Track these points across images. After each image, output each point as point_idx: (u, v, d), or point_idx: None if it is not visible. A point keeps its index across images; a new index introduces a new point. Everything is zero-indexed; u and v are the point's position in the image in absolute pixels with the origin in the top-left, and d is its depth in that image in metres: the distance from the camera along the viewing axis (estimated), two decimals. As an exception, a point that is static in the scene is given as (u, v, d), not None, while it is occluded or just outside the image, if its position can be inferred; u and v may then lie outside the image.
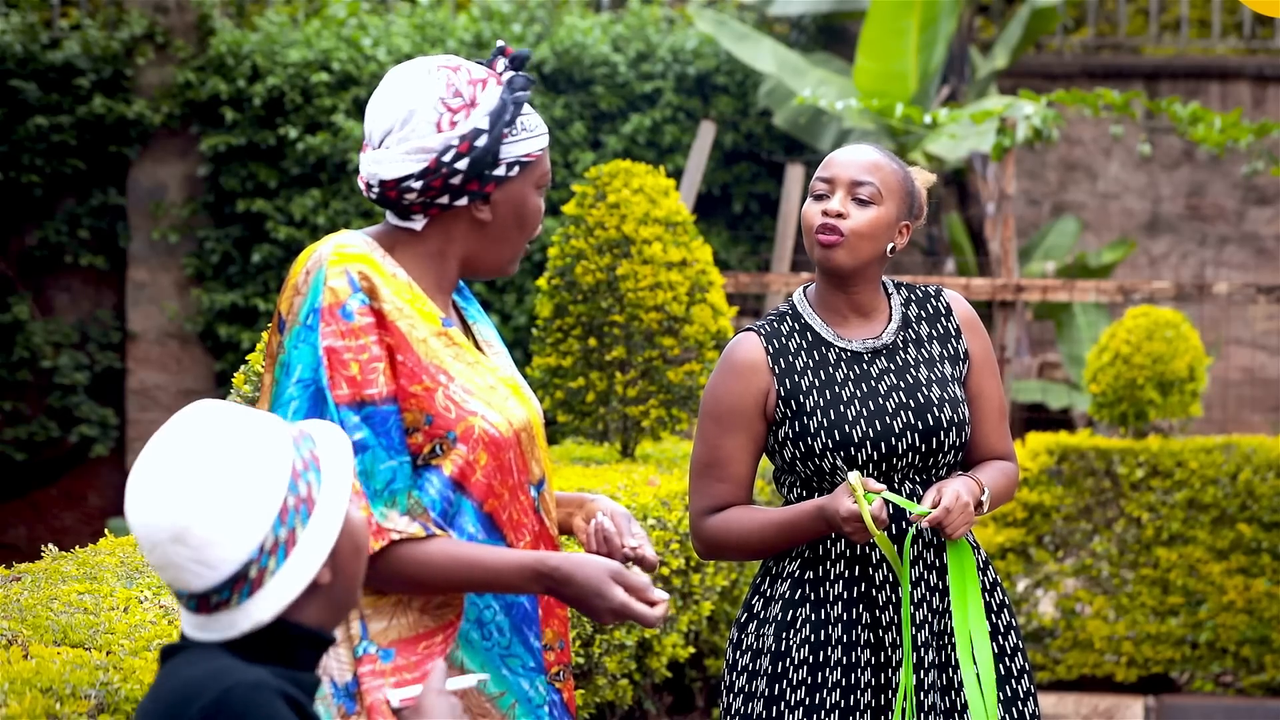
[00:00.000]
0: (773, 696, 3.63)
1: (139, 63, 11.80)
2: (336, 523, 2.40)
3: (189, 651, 2.38)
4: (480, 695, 2.88)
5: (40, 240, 11.81)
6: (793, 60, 11.49)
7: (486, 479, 2.86)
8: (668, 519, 5.53)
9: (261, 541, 2.34)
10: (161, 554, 2.34)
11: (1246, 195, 12.57)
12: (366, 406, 2.80)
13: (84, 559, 3.86)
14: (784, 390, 3.66)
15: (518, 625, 2.91)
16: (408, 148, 2.88)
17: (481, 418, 2.86)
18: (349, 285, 2.83)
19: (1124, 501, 7.84)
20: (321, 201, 11.59)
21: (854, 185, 3.67)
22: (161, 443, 2.37)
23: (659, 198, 6.46)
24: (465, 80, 2.91)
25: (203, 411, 2.40)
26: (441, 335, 2.90)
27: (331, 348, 2.81)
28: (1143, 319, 7.97)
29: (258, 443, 2.36)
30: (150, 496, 2.34)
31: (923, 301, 3.79)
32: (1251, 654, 7.78)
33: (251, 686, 2.30)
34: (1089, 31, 13.37)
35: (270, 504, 2.34)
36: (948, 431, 3.66)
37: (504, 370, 2.99)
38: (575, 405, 6.43)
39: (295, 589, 2.36)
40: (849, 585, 3.64)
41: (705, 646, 6.69)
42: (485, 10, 12.03)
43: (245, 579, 2.34)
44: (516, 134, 2.91)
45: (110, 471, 11.89)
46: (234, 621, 2.36)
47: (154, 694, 2.36)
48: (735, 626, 3.74)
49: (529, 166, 2.93)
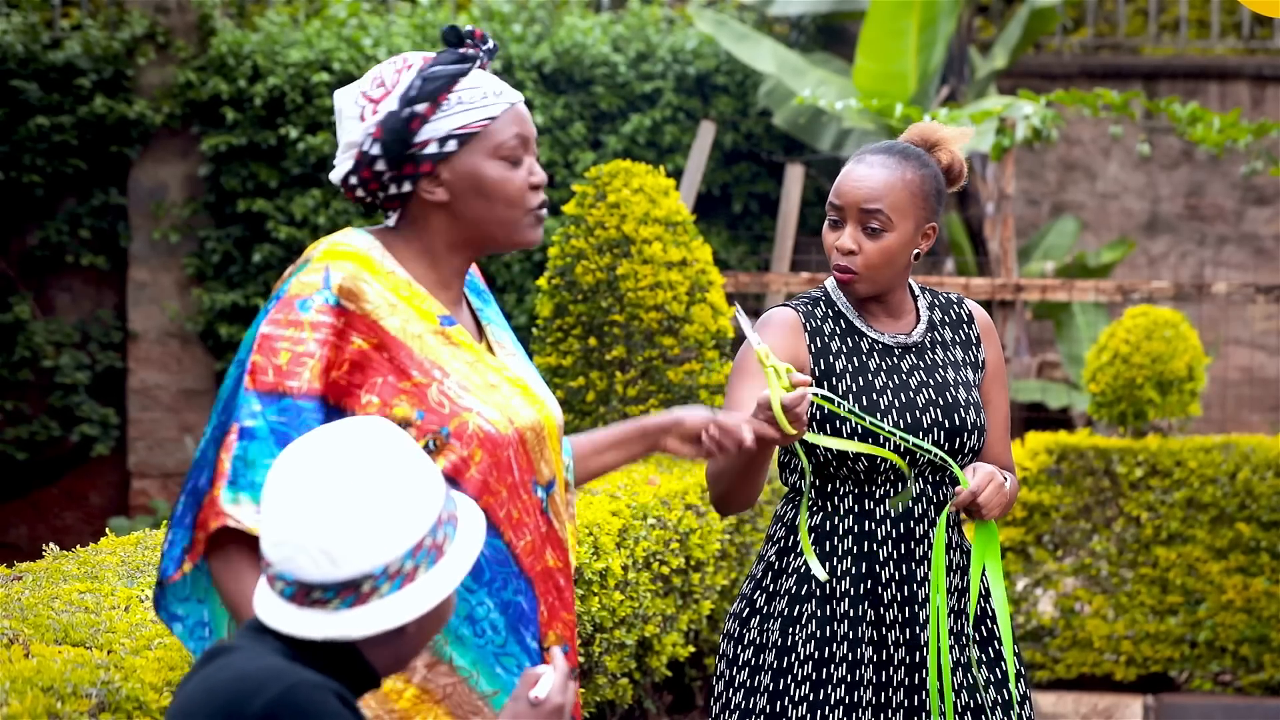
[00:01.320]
0: (777, 691, 3.64)
1: (140, 63, 11.81)
2: (453, 582, 2.40)
3: (243, 650, 2.36)
4: (472, 693, 2.86)
5: (41, 240, 11.82)
6: (792, 60, 11.49)
7: (482, 476, 2.84)
8: (668, 518, 5.53)
9: (389, 563, 2.34)
10: (293, 529, 2.33)
11: (1245, 195, 12.57)
12: (285, 398, 2.76)
13: (85, 558, 3.87)
14: (820, 368, 3.66)
15: (514, 625, 2.89)
16: (343, 146, 2.91)
17: (477, 414, 2.85)
18: (320, 281, 2.82)
19: (1123, 501, 7.84)
20: (322, 201, 11.60)
21: (863, 215, 3.64)
22: (340, 430, 2.38)
23: (659, 197, 6.46)
24: (392, 69, 2.91)
25: (378, 424, 2.41)
26: (439, 333, 2.89)
27: (267, 334, 2.80)
28: (1142, 319, 7.98)
29: (423, 474, 2.38)
30: (312, 478, 2.34)
31: (946, 307, 3.82)
32: (1250, 653, 7.79)
33: (314, 686, 2.29)
34: (1088, 32, 13.38)
35: (413, 533, 2.35)
36: (970, 433, 3.69)
37: (513, 370, 2.98)
38: (575, 405, 6.43)
39: (393, 621, 2.36)
40: (855, 583, 3.65)
41: (705, 645, 6.70)
42: (485, 10, 12.04)
43: (356, 590, 2.34)
44: (448, 108, 2.88)
45: (111, 471, 11.90)
46: (321, 624, 2.35)
47: (206, 685, 2.33)
48: (734, 620, 3.73)
49: (474, 137, 2.89)
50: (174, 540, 2.80)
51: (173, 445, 11.84)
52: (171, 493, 11.79)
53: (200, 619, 2.82)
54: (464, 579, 2.82)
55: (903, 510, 3.63)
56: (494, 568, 2.88)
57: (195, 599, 2.82)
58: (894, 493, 3.66)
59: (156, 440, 11.85)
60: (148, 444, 11.85)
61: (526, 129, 2.94)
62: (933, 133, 3.77)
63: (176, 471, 11.81)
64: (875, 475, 3.64)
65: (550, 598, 2.96)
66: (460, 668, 2.85)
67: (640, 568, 5.27)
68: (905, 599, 3.65)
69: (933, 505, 3.69)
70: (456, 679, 2.85)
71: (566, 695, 2.55)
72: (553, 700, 2.53)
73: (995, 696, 3.70)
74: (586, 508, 5.05)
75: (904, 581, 3.66)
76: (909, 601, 3.65)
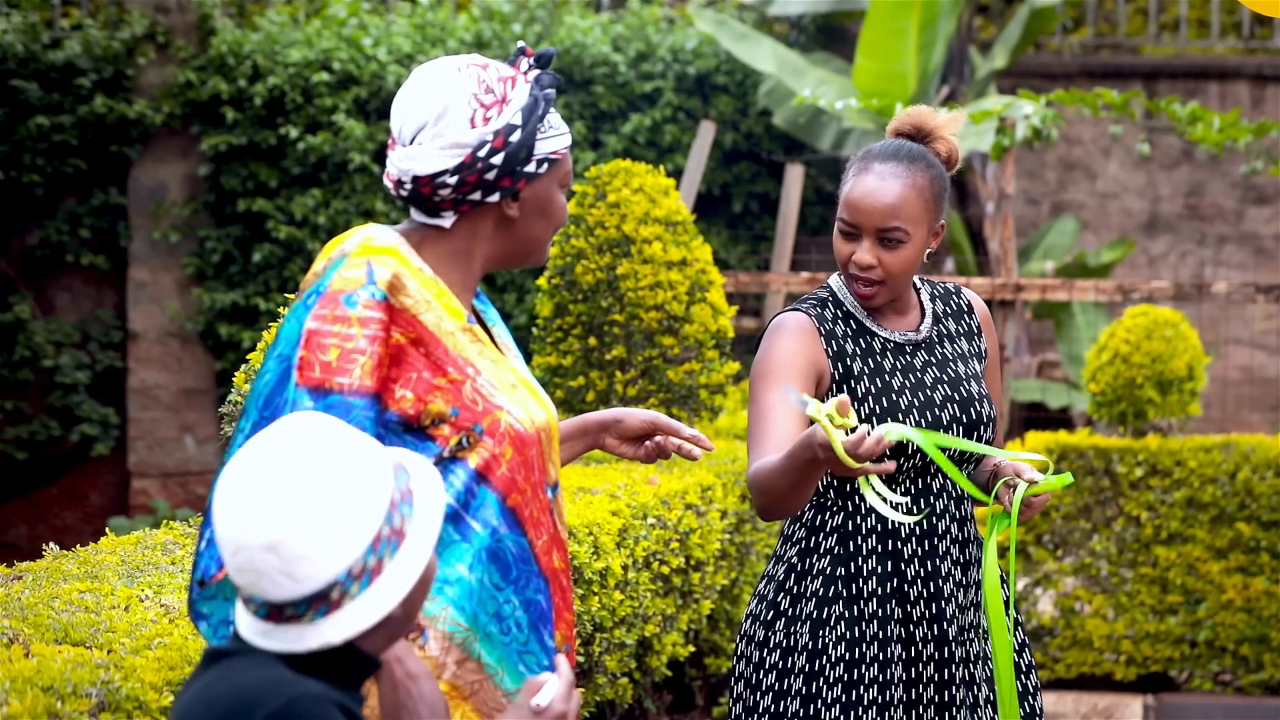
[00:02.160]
0: (809, 694, 3.64)
1: (140, 62, 11.81)
2: (423, 560, 2.38)
3: (241, 657, 2.35)
4: (496, 690, 2.87)
5: (41, 240, 11.82)
6: (792, 60, 11.49)
7: (511, 473, 2.87)
8: (668, 518, 5.53)
9: (350, 566, 2.32)
10: (247, 559, 2.31)
11: (1245, 195, 12.57)
12: (332, 395, 2.75)
13: (85, 558, 3.87)
14: (838, 373, 3.66)
15: (535, 623, 2.91)
16: (442, 143, 2.88)
17: (508, 412, 2.87)
18: (364, 276, 2.82)
19: (1123, 500, 7.85)
20: (322, 201, 11.60)
21: (880, 232, 3.64)
22: (265, 448, 2.34)
23: (659, 197, 6.47)
24: (496, 77, 2.92)
25: (310, 425, 2.37)
26: (467, 331, 2.91)
27: (314, 329, 2.79)
28: (1142, 318, 7.98)
29: (363, 467, 2.34)
30: (249, 501, 2.31)
31: (946, 298, 3.84)
32: (1250, 652, 7.79)
33: (314, 699, 2.27)
34: (1088, 31, 13.38)
35: (367, 530, 2.33)
36: (986, 426, 3.71)
37: (522, 372, 3.01)
38: (575, 404, 6.43)
39: (372, 618, 2.35)
40: (882, 581, 3.66)
41: (705, 645, 6.70)
42: (485, 10, 12.03)
43: (325, 599, 2.32)
44: (546, 131, 2.93)
45: (111, 470, 11.90)
46: (302, 637, 2.33)
47: (203, 696, 2.32)
48: (754, 622, 3.71)
49: (556, 164, 2.96)
50: (212, 539, 2.76)
51: (173, 445, 11.84)
52: (172, 492, 11.79)
53: (225, 617, 2.80)
54: (493, 577, 2.84)
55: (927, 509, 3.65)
56: (520, 566, 2.89)
57: (222, 597, 2.80)
58: (914, 490, 3.66)
59: (156, 440, 11.85)
60: (148, 444, 11.85)
61: (570, 165, 3.03)
62: (925, 120, 3.75)
63: (176, 471, 11.81)
64: (898, 474, 3.65)
65: (556, 597, 2.98)
66: (487, 665, 2.86)
67: (640, 567, 5.27)
68: (932, 595, 3.66)
69: (953, 500, 3.71)
70: (484, 676, 2.86)
71: (570, 704, 2.52)
72: (555, 708, 2.51)
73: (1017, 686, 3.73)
74: (586, 508, 5.06)
75: (930, 578, 3.67)
76: (935, 598, 3.66)
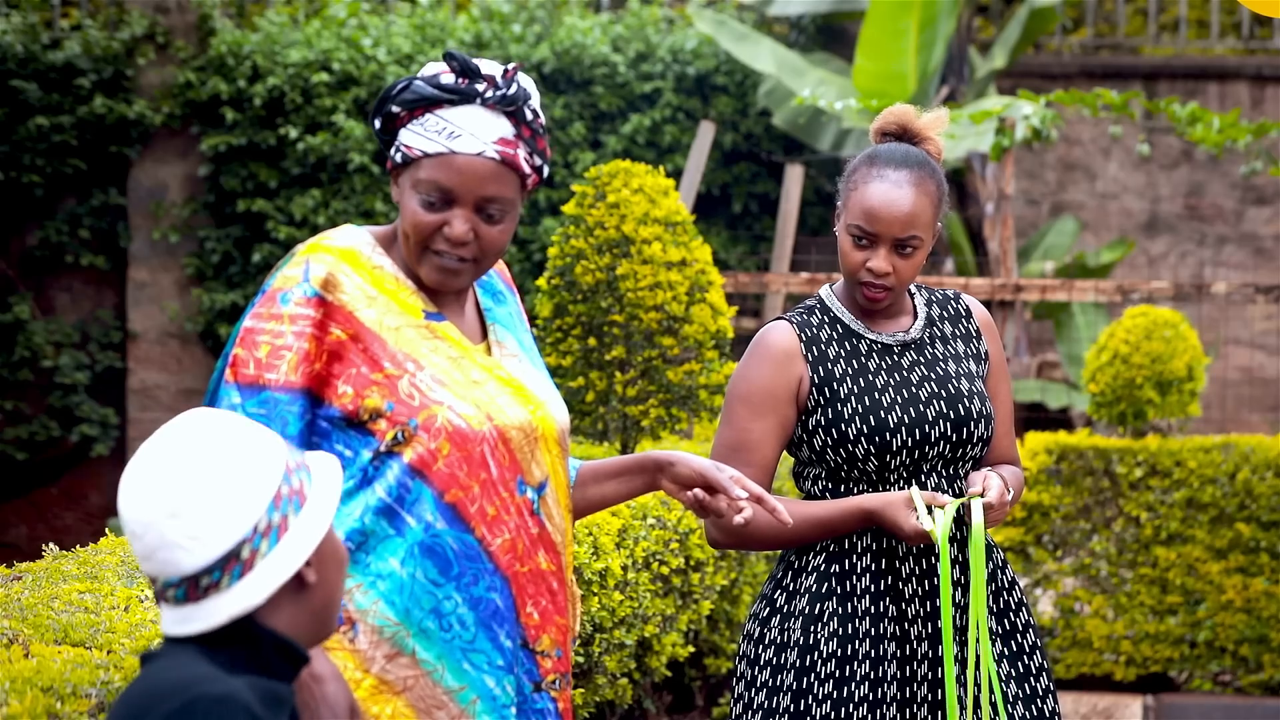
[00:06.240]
0: (800, 690, 3.64)
1: (139, 63, 11.81)
2: (327, 517, 2.43)
3: (169, 656, 2.37)
4: (436, 687, 2.87)
5: (41, 240, 11.83)
6: (792, 60, 11.50)
7: (449, 469, 2.87)
8: (667, 519, 5.54)
9: (255, 522, 2.36)
10: (156, 534, 2.35)
11: (1245, 195, 12.58)
12: (264, 391, 2.84)
13: (85, 558, 3.87)
14: (817, 378, 3.68)
15: (485, 621, 2.90)
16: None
17: (447, 408, 2.88)
18: (300, 274, 2.88)
19: (1123, 501, 7.85)
20: (322, 201, 11.61)
21: (898, 241, 3.66)
22: (157, 438, 2.41)
23: (659, 198, 6.46)
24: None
25: (198, 414, 2.45)
26: (421, 327, 2.92)
27: (250, 327, 2.87)
28: (1141, 319, 7.98)
29: (253, 437, 2.42)
30: (145, 480, 2.37)
31: (944, 303, 3.85)
32: (1250, 653, 7.79)
33: (216, 699, 2.27)
34: (1087, 32, 13.38)
35: (265, 487, 2.38)
36: (978, 422, 3.71)
37: (506, 370, 2.99)
38: (575, 405, 6.43)
39: (285, 573, 2.38)
40: (876, 579, 3.67)
41: (705, 645, 6.70)
42: (485, 10, 12.04)
43: (237, 558, 2.35)
44: (420, 125, 2.91)
45: (111, 471, 11.90)
46: (219, 608, 2.36)
47: (125, 695, 2.35)
48: (755, 621, 3.73)
49: (412, 162, 2.92)
50: None
51: (172, 445, 11.84)
52: (171, 493, 11.79)
53: None
54: (429, 573, 2.86)
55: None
56: (463, 562, 2.89)
57: None
58: (903, 488, 3.68)
59: (156, 440, 11.85)
60: (147, 444, 11.86)
61: (456, 182, 2.90)
62: (911, 120, 3.77)
63: (176, 471, 11.81)
64: (887, 474, 3.66)
65: (543, 600, 2.97)
66: (424, 661, 2.87)
67: (640, 568, 5.27)
68: (926, 593, 3.67)
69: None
70: (419, 671, 2.86)
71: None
72: None
73: (1017, 690, 3.73)
74: (586, 508, 5.06)
75: (924, 576, 3.67)
76: (930, 595, 3.67)
